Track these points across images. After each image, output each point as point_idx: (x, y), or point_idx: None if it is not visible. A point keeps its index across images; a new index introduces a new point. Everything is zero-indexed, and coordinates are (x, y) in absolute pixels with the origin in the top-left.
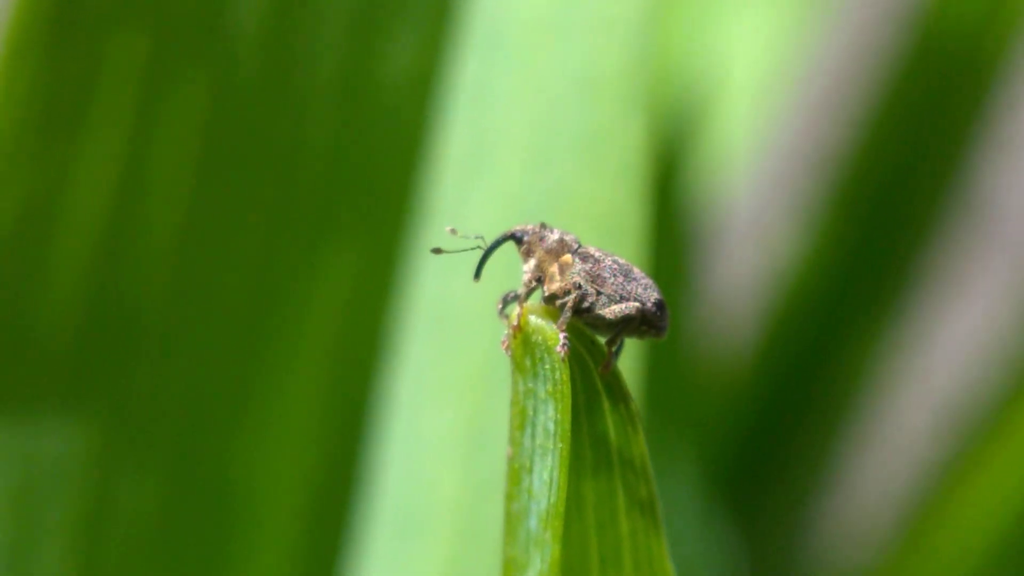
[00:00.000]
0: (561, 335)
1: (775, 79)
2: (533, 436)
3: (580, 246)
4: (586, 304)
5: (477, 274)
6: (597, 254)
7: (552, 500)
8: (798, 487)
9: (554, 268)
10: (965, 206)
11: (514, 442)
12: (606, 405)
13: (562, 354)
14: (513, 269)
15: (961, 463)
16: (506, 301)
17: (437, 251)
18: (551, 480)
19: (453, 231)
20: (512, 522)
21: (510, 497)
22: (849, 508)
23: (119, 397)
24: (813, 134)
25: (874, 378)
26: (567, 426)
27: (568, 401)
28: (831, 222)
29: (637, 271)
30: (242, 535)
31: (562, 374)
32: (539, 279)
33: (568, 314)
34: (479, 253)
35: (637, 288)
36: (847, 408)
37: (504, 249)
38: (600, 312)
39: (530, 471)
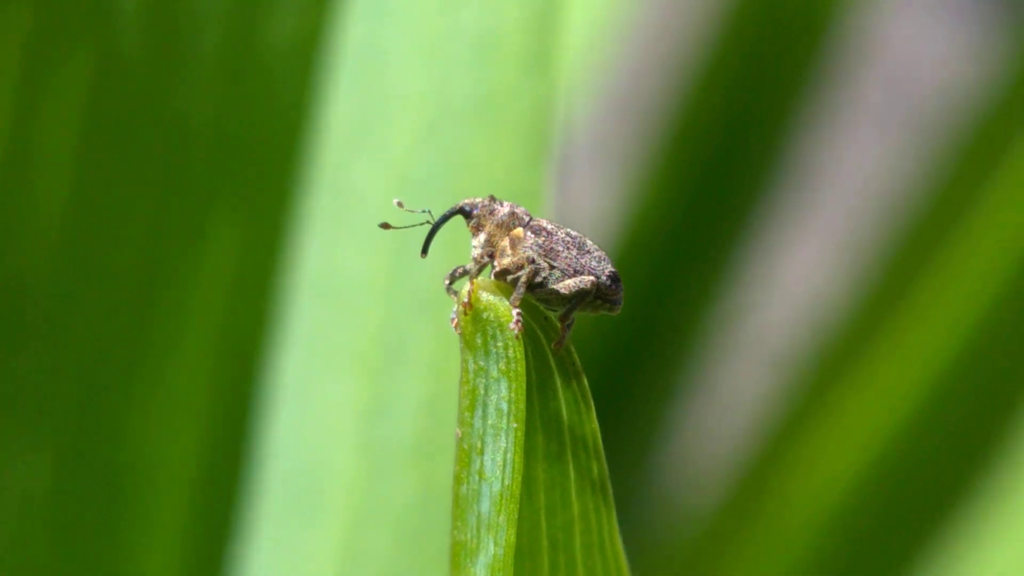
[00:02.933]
0: (515, 312)
1: (607, 29)
2: (485, 416)
3: (531, 219)
4: (539, 279)
5: (424, 250)
6: (549, 227)
7: (507, 482)
8: (639, 434)
9: (505, 242)
10: (797, 158)
11: (464, 423)
12: (559, 383)
13: (516, 331)
14: (410, 241)
15: (799, 408)
16: (453, 277)
17: (385, 226)
18: (505, 462)
19: (400, 204)
20: (461, 505)
21: (459, 479)
22: (692, 453)
23: (6, 377)
24: (648, 82)
25: (714, 321)
26: (522, 405)
27: (523, 380)
28: (667, 169)
29: (590, 243)
30: (132, 515)
31: (516, 352)
32: (491, 254)
33: (522, 290)
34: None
35: (591, 261)
36: (688, 352)
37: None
38: (554, 287)
39: (481, 452)
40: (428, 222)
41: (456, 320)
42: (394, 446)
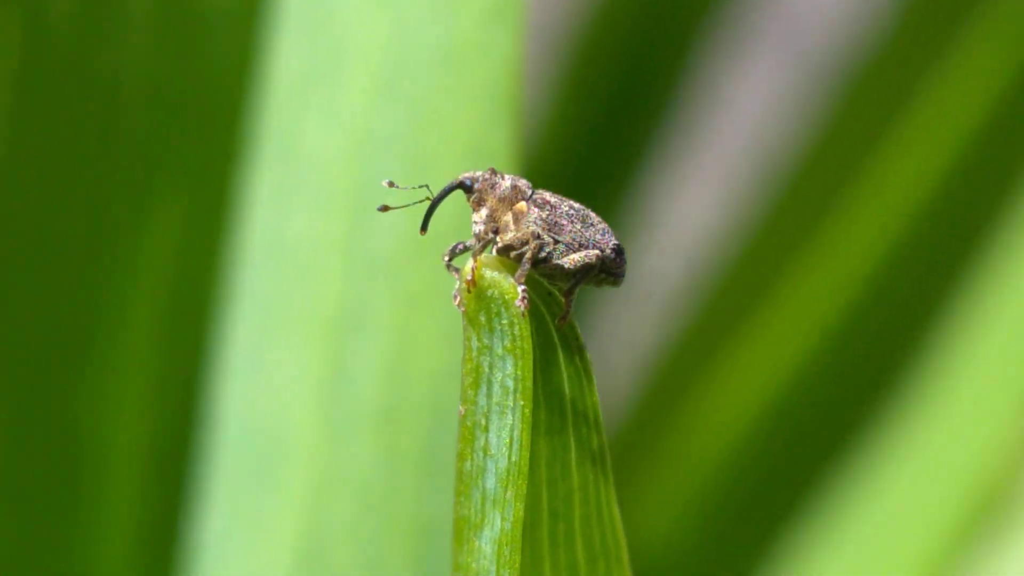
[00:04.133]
0: (520, 288)
1: None
2: (489, 394)
3: (534, 192)
4: (544, 254)
5: (424, 226)
6: (553, 200)
7: (514, 459)
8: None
9: (508, 217)
10: (692, 96)
11: (467, 400)
12: (562, 358)
13: (522, 308)
14: (367, 204)
15: (694, 349)
16: (454, 253)
17: (384, 208)
18: (512, 439)
19: (391, 184)
20: (465, 481)
21: (462, 456)
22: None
23: None
24: (549, 15)
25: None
26: (528, 383)
27: (529, 357)
28: (564, 104)
29: (593, 216)
30: (85, 484)
31: (522, 329)
32: (494, 230)
33: (527, 266)
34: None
35: (595, 234)
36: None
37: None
38: (559, 262)
39: (486, 429)
40: (428, 198)
41: (459, 298)
42: (355, 412)
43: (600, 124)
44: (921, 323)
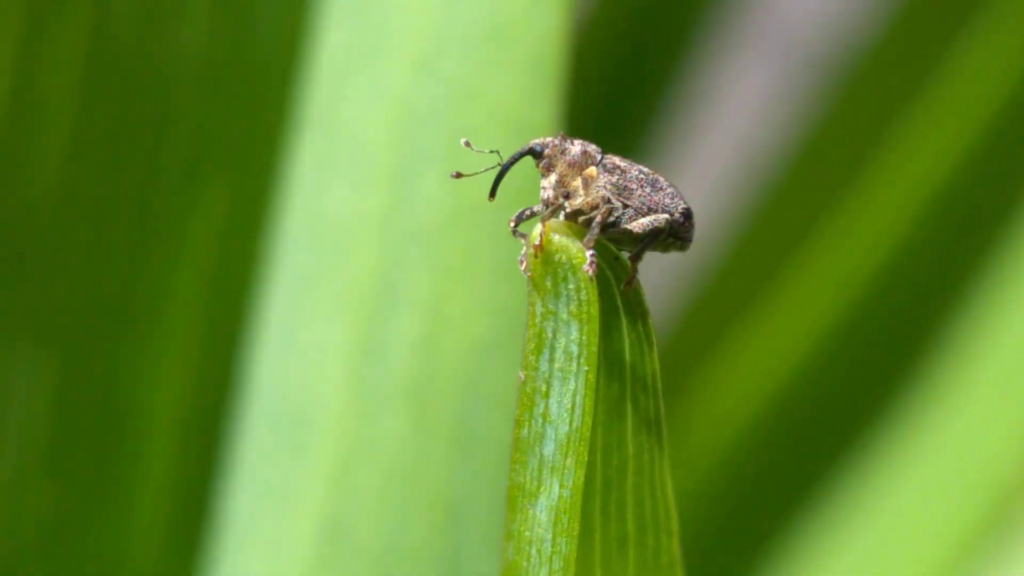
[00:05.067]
0: (588, 253)
1: None
2: (552, 359)
3: (603, 156)
4: (613, 218)
5: (492, 193)
6: (623, 164)
7: (576, 425)
8: None
9: (577, 182)
10: (687, 88)
11: (528, 366)
12: (624, 324)
13: (590, 273)
14: (407, 178)
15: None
16: (520, 219)
17: (457, 175)
18: (574, 404)
19: (468, 144)
20: (521, 448)
21: (520, 423)
22: None
23: (7, 315)
24: None
25: None
26: (593, 348)
27: (595, 323)
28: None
29: (662, 180)
30: (125, 451)
31: (588, 294)
32: (564, 195)
33: (596, 231)
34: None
35: (664, 198)
36: None
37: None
38: (628, 227)
39: (546, 395)
40: (498, 164)
41: (525, 263)
42: (386, 386)
43: (593, 122)
44: (928, 322)
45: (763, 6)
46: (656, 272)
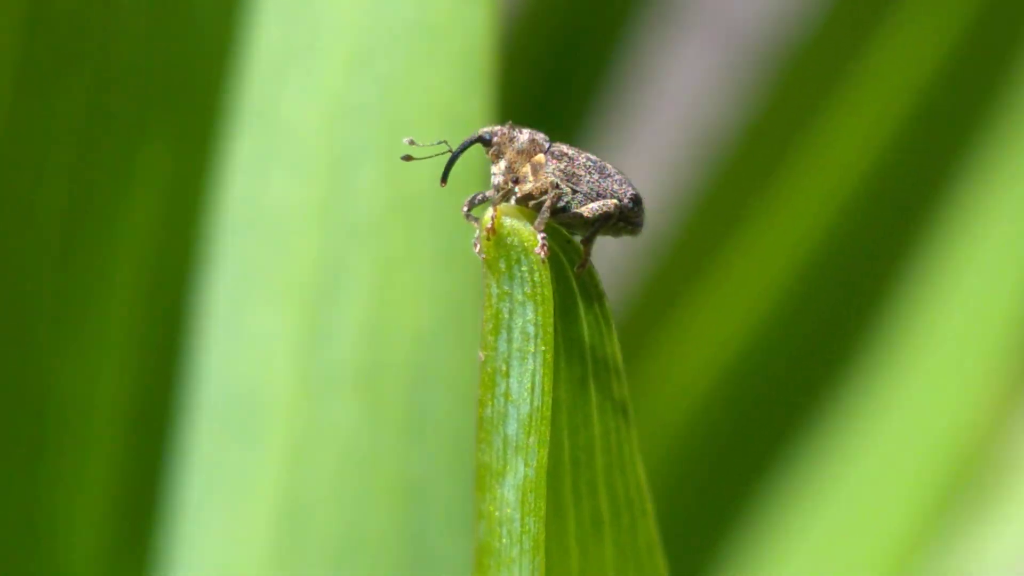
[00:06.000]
0: (540, 236)
1: None
2: (510, 340)
3: (551, 144)
4: (563, 203)
5: (444, 178)
6: (570, 152)
7: (536, 404)
8: None
9: (526, 168)
10: (625, 76)
11: (487, 346)
12: (581, 305)
13: (542, 255)
14: (345, 169)
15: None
16: (472, 203)
17: (407, 158)
18: (533, 384)
19: (412, 142)
20: (486, 428)
21: (483, 403)
22: None
23: None
24: None
25: None
26: (549, 328)
27: (550, 303)
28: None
29: (610, 167)
30: (63, 446)
31: (541, 275)
32: (515, 180)
33: (546, 214)
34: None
35: (612, 184)
36: None
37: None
38: (578, 211)
39: (507, 375)
40: (448, 151)
41: (478, 246)
42: (334, 373)
43: (535, 101)
44: (876, 299)
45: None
46: (613, 249)
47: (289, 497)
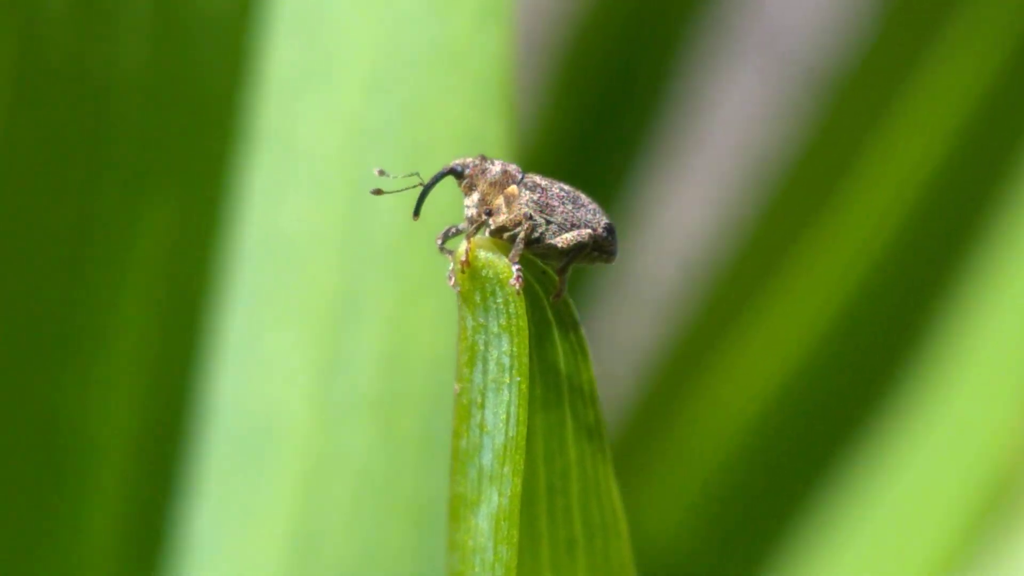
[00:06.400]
0: (514, 267)
1: None
2: (485, 372)
3: (524, 175)
4: (537, 234)
5: (416, 212)
6: (543, 182)
7: (511, 434)
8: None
9: (499, 200)
10: (680, 104)
11: (462, 378)
12: (556, 334)
13: (517, 287)
14: (364, 196)
15: (691, 351)
16: (447, 236)
17: (377, 192)
18: (508, 415)
19: (382, 172)
20: (461, 459)
21: (458, 434)
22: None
23: None
24: (538, 22)
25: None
26: (524, 359)
27: (525, 335)
28: (553, 111)
29: (583, 197)
30: (72, 473)
31: (516, 307)
32: (488, 212)
33: (521, 246)
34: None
35: (586, 214)
36: (576, 297)
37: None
38: (552, 242)
39: (482, 407)
40: (420, 184)
41: (453, 279)
42: (351, 399)
43: (590, 130)
44: (919, 320)
45: (751, 17)
46: (667, 274)
47: (303, 523)
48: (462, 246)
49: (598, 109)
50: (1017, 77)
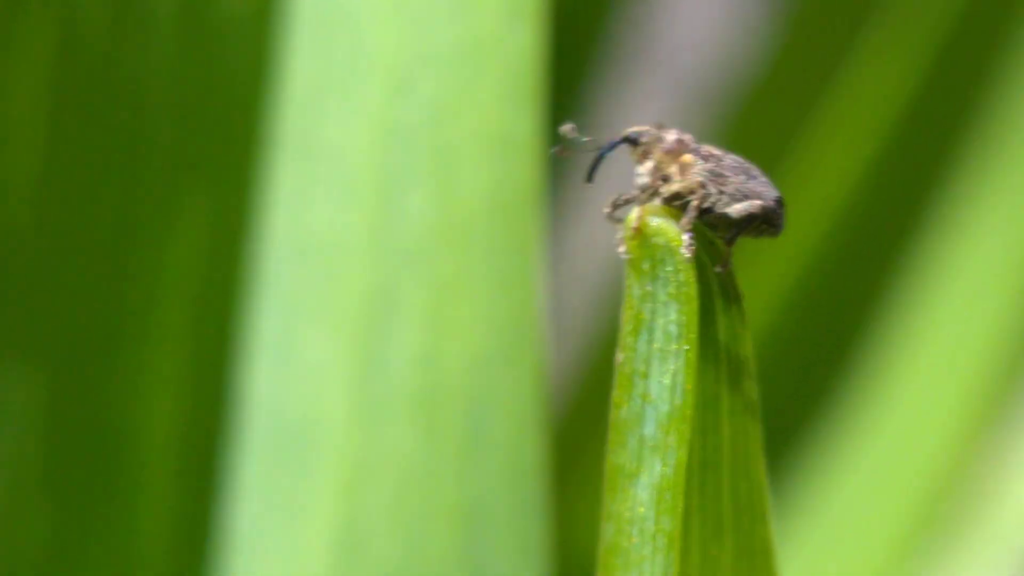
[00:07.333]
0: (686, 235)
1: None
2: (651, 340)
3: (698, 145)
4: (709, 204)
5: (590, 177)
6: (717, 152)
7: (677, 403)
8: None
9: (673, 168)
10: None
11: (626, 347)
12: (719, 306)
13: (688, 255)
14: (393, 195)
15: None
16: (616, 204)
17: (559, 151)
18: (674, 383)
19: (574, 128)
20: (621, 429)
21: (618, 404)
22: None
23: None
24: None
25: None
26: (694, 328)
27: (695, 303)
28: None
29: (755, 168)
30: (120, 472)
31: (686, 276)
32: (664, 178)
33: (693, 214)
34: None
35: (758, 186)
36: None
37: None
38: (724, 211)
39: (645, 376)
40: (597, 148)
41: (623, 246)
42: (389, 398)
43: None
44: (853, 332)
45: (650, 39)
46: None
47: (346, 525)
48: (634, 212)
49: None
50: (928, 92)
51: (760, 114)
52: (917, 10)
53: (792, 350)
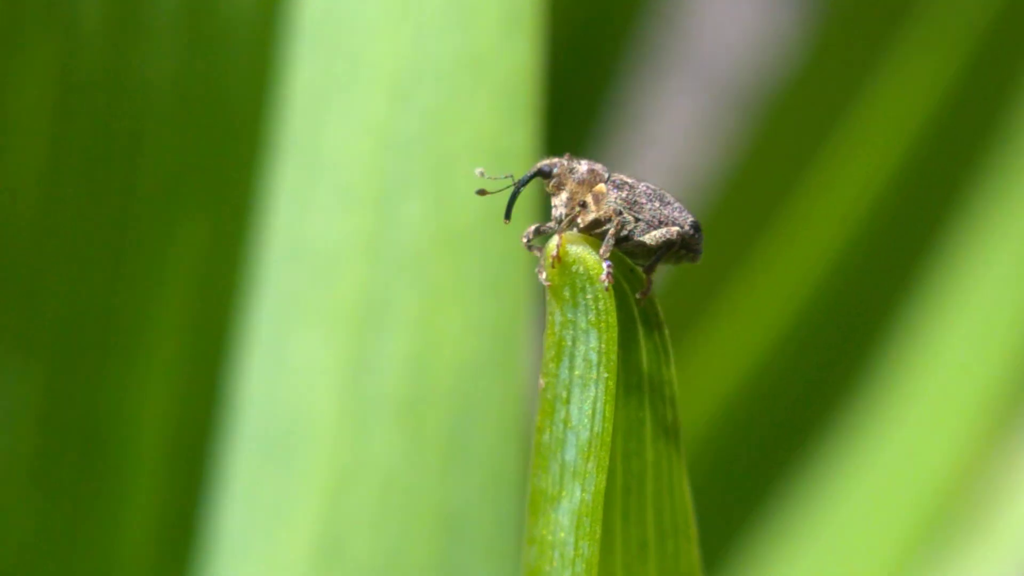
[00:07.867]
0: (604, 264)
1: None
2: (572, 367)
3: (611, 174)
4: (626, 232)
5: (507, 214)
6: (630, 180)
7: (597, 430)
8: None
9: (588, 198)
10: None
11: (548, 373)
12: (641, 333)
13: (606, 283)
14: (388, 203)
15: None
16: (536, 233)
17: (481, 192)
18: (594, 411)
19: (482, 173)
20: (543, 453)
21: (541, 428)
22: None
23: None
24: None
25: None
26: (613, 356)
27: (614, 331)
28: None
29: (669, 195)
30: (108, 471)
31: (606, 304)
32: (582, 204)
33: (611, 242)
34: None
35: (673, 212)
36: None
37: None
38: (641, 239)
39: (567, 402)
40: (512, 185)
41: (543, 273)
42: (378, 403)
43: None
44: (871, 335)
45: (683, 38)
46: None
47: (329, 527)
48: (553, 241)
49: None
50: (957, 97)
51: (791, 115)
52: (949, 15)
53: (810, 351)
